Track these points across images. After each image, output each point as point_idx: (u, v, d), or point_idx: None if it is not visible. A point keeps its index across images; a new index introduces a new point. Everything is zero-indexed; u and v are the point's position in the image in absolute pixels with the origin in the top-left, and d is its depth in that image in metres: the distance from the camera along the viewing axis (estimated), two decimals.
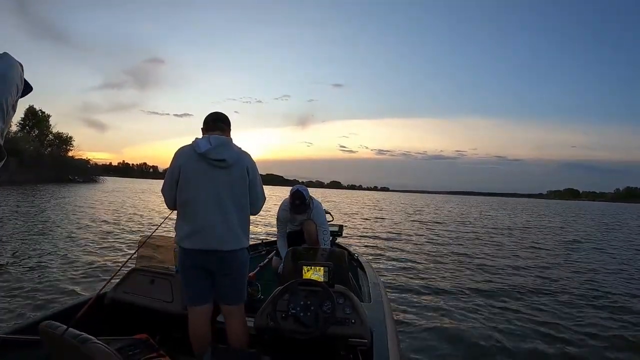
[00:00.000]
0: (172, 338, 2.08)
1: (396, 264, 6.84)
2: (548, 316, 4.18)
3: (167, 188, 1.91)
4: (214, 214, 1.81)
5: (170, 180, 1.89)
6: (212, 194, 1.81)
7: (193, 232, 1.81)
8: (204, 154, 1.81)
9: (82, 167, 47.05)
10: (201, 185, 1.81)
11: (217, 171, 1.82)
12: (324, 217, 3.33)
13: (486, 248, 9.27)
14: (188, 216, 1.84)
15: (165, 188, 1.92)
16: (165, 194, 1.93)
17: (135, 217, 12.61)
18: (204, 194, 1.81)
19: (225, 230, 1.82)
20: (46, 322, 1.25)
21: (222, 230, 1.81)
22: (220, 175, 1.82)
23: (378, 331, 1.86)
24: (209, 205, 1.81)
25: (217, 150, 1.82)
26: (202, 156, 1.81)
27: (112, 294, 2.22)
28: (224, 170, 1.83)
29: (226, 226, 1.82)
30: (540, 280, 5.92)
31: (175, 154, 1.90)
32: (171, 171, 1.88)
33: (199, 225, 1.81)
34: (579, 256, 8.71)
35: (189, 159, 1.84)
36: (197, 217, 1.81)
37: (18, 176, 30.83)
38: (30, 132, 46.60)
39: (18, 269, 5.21)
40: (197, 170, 1.82)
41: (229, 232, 1.83)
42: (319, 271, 2.06)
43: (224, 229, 1.81)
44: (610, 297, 5.08)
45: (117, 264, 5.86)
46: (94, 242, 7.51)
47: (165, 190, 1.92)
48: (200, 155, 1.81)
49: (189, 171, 1.83)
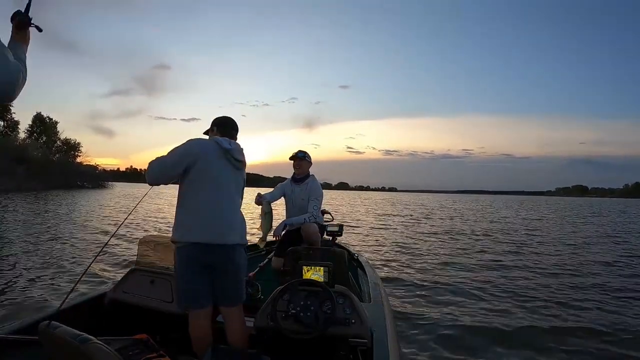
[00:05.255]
0: (172, 338, 2.09)
1: (396, 264, 6.80)
2: (553, 317, 4.11)
3: (169, 165, 1.84)
4: (224, 209, 1.88)
5: (178, 159, 1.84)
6: (228, 190, 1.92)
7: (202, 224, 1.80)
8: (229, 152, 1.91)
9: (90, 173, 47.42)
10: (223, 180, 1.90)
11: (235, 170, 1.96)
12: (319, 191, 3.55)
13: (490, 247, 9.16)
14: (199, 208, 1.82)
15: (164, 162, 1.84)
16: (158, 167, 1.84)
17: (147, 221, 12.70)
18: (224, 189, 1.90)
19: (230, 224, 1.88)
20: (46, 322, 1.26)
21: (228, 223, 1.87)
22: (236, 174, 1.97)
23: (378, 331, 1.86)
24: (224, 200, 1.89)
25: (238, 152, 1.97)
26: (227, 153, 1.91)
27: (112, 294, 2.23)
28: (239, 171, 1.99)
29: (230, 220, 1.89)
30: (543, 281, 5.82)
31: (190, 141, 1.88)
32: (184, 153, 1.84)
33: (209, 218, 1.82)
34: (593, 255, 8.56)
35: (212, 151, 1.89)
36: (209, 209, 1.83)
37: (26, 183, 31.24)
38: (38, 138, 47.28)
39: (18, 269, 5.30)
40: (219, 164, 1.90)
41: (232, 226, 1.88)
42: (319, 271, 2.06)
43: (229, 223, 1.87)
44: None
45: (118, 264, 5.93)
46: (96, 244, 7.60)
47: (162, 164, 1.84)
48: (225, 151, 1.91)
49: (212, 163, 1.86)
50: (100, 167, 53.07)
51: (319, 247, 3.01)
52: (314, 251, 2.66)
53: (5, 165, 29.74)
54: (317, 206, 3.45)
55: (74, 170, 44.01)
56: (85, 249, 7.07)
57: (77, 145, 50.96)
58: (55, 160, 43.61)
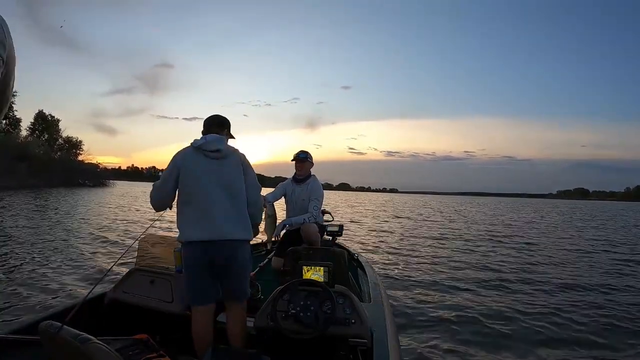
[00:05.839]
0: (172, 338, 2.09)
1: (396, 264, 6.81)
2: (556, 318, 4.10)
3: (160, 184, 1.96)
4: (215, 203, 1.88)
5: (165, 176, 1.95)
6: (212, 184, 1.90)
7: (198, 223, 1.86)
8: (200, 147, 1.92)
9: (91, 171, 47.47)
10: (202, 176, 1.90)
11: (214, 162, 1.92)
12: (320, 191, 3.56)
13: (490, 249, 9.16)
14: (192, 208, 1.89)
15: (157, 185, 1.98)
16: (153, 192, 1.98)
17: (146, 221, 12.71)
18: (205, 185, 1.89)
19: (227, 219, 1.88)
20: (46, 322, 1.26)
21: (225, 219, 1.87)
22: (217, 165, 1.93)
23: (378, 331, 1.86)
24: (211, 195, 1.89)
25: (212, 143, 1.93)
26: (198, 149, 1.92)
27: (112, 294, 2.23)
28: (219, 161, 1.93)
29: (227, 215, 1.88)
30: (547, 282, 5.80)
31: (174, 156, 1.98)
32: (169, 170, 1.95)
33: (203, 215, 1.87)
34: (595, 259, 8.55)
35: (186, 155, 1.95)
36: (200, 208, 1.88)
37: (28, 180, 31.29)
38: (40, 136, 47.34)
39: (19, 269, 5.30)
40: (196, 163, 1.92)
41: (231, 222, 1.88)
42: (319, 271, 2.05)
43: (226, 218, 1.87)
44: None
45: (118, 264, 5.93)
46: (97, 244, 7.61)
47: (154, 188, 1.98)
48: (196, 148, 1.93)
49: (189, 165, 1.92)
50: (101, 166, 53.23)
51: (319, 247, 3.01)
52: (314, 251, 2.66)
53: (6, 163, 29.80)
54: (317, 206, 3.46)
55: (75, 168, 44.08)
56: (86, 249, 7.08)
57: (79, 144, 51.14)
58: (56, 158, 43.67)
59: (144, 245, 2.38)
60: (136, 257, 2.38)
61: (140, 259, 2.35)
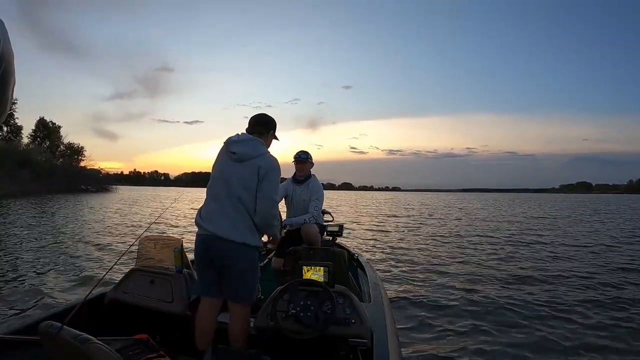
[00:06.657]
0: (172, 338, 2.10)
1: (396, 263, 6.78)
2: (565, 317, 4.04)
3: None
4: (223, 202, 1.90)
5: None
6: (225, 184, 1.92)
7: (207, 216, 1.92)
8: (227, 145, 1.97)
9: (94, 176, 47.60)
10: (218, 174, 1.96)
11: (233, 163, 1.93)
12: (320, 191, 3.57)
13: (491, 247, 9.07)
14: (207, 202, 1.97)
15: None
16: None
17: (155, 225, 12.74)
18: (219, 182, 1.93)
19: (228, 220, 1.87)
20: (46, 322, 1.26)
21: (225, 219, 1.88)
22: (234, 167, 1.92)
23: (378, 331, 1.85)
24: (220, 193, 1.92)
25: (237, 144, 1.94)
26: (226, 146, 1.98)
27: (112, 294, 2.23)
28: (237, 164, 1.92)
29: (229, 216, 1.88)
30: (549, 284, 5.71)
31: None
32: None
33: (211, 211, 1.92)
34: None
35: (220, 150, 2.03)
36: (210, 203, 1.94)
37: (30, 187, 31.40)
38: (41, 143, 47.56)
39: (19, 270, 5.34)
40: (220, 160, 1.99)
41: (230, 222, 1.87)
42: (319, 271, 2.05)
43: (227, 218, 1.88)
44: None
45: (118, 264, 5.95)
46: (97, 245, 7.65)
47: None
48: (226, 147, 1.98)
49: (217, 159, 2.01)
50: (103, 171, 53.38)
51: (319, 247, 3.01)
52: (314, 251, 2.66)
53: (8, 170, 29.94)
54: (317, 207, 3.47)
55: (77, 174, 44.22)
56: (86, 249, 7.11)
57: (81, 149, 51.42)
58: (59, 165, 43.81)
59: (144, 245, 2.39)
60: (136, 257, 2.39)
61: (140, 259, 2.36)
